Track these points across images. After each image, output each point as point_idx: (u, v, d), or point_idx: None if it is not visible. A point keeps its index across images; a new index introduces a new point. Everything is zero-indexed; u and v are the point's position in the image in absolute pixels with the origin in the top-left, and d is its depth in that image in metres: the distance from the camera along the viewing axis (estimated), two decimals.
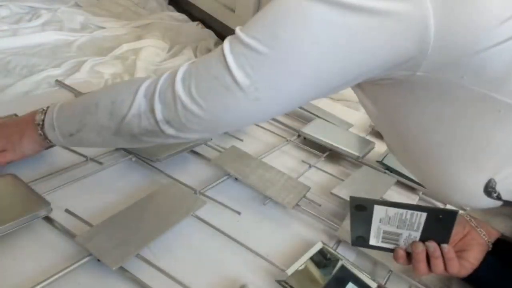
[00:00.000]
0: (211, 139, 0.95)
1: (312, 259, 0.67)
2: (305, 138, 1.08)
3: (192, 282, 0.60)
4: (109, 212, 0.67)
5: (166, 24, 1.76)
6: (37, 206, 0.64)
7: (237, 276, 0.65)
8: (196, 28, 1.77)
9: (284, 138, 1.09)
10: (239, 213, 0.77)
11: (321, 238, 0.76)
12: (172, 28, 1.72)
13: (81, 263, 0.59)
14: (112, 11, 1.81)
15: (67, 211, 0.68)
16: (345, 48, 0.46)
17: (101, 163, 0.81)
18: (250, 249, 0.69)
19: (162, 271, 0.61)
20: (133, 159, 0.85)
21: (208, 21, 1.83)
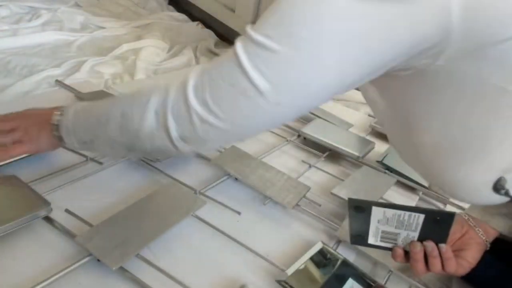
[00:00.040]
0: None
1: (312, 259, 0.67)
2: (305, 138, 1.08)
3: (192, 282, 0.60)
4: (109, 212, 0.67)
5: (166, 24, 1.76)
6: (37, 206, 0.64)
7: (237, 276, 0.65)
8: (196, 28, 1.77)
9: (284, 138, 1.09)
10: (239, 213, 0.77)
11: (321, 238, 0.76)
12: (172, 28, 1.72)
13: (81, 263, 0.59)
14: (112, 11, 1.81)
15: (67, 211, 0.68)
16: (368, 39, 0.43)
17: (101, 163, 0.81)
18: (250, 249, 0.69)
19: (162, 271, 0.61)
20: (133, 159, 0.85)
21: (208, 21, 1.83)
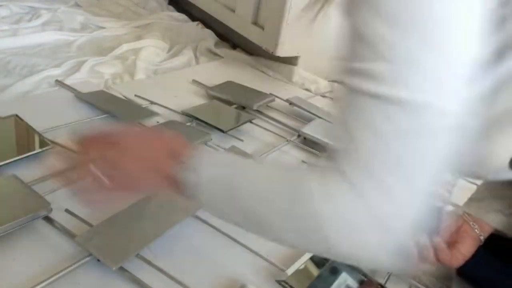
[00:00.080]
0: (211, 139, 0.95)
1: (312, 259, 0.67)
2: (305, 138, 1.08)
3: (192, 282, 0.60)
4: (109, 212, 0.67)
5: (166, 24, 1.76)
6: (37, 206, 0.64)
7: (237, 276, 0.65)
8: (196, 28, 1.77)
9: (284, 138, 1.09)
10: None
11: None
12: (172, 28, 1.72)
13: (81, 263, 0.59)
14: (112, 11, 1.81)
15: (67, 211, 0.68)
16: None
17: None
18: (250, 249, 0.69)
19: (162, 271, 0.61)
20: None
21: (208, 21, 1.83)
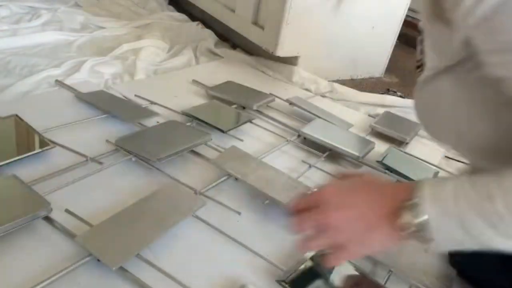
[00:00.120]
0: (211, 139, 0.95)
1: (312, 259, 0.67)
2: (305, 138, 1.08)
3: (192, 282, 0.61)
4: (109, 212, 0.67)
5: (166, 24, 1.76)
6: (37, 206, 0.64)
7: (237, 276, 0.65)
8: (196, 28, 1.77)
9: (284, 138, 1.09)
10: (239, 213, 0.77)
11: None
12: (172, 28, 1.72)
13: (81, 263, 0.59)
14: (112, 11, 1.81)
15: (67, 211, 0.68)
16: None
17: (101, 163, 0.81)
18: (250, 249, 0.69)
19: (162, 271, 0.61)
20: (133, 159, 0.85)
21: (208, 21, 1.83)
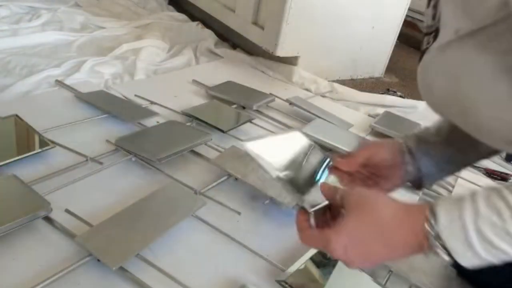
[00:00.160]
0: (210, 139, 0.95)
1: (312, 259, 0.67)
2: None
3: (192, 282, 0.60)
4: (109, 212, 0.67)
5: (166, 24, 1.76)
6: (37, 206, 0.64)
7: (237, 276, 0.65)
8: (196, 28, 1.77)
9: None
10: (239, 213, 0.77)
11: None
12: (172, 28, 1.72)
13: (81, 263, 0.59)
14: (112, 11, 1.81)
15: (67, 211, 0.68)
16: None
17: (101, 163, 0.81)
18: (250, 249, 0.69)
19: (162, 271, 0.61)
20: (133, 159, 0.85)
21: (208, 21, 1.83)
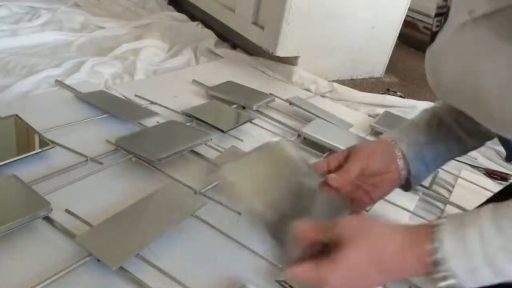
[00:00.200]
0: (210, 139, 0.95)
1: None
2: (305, 138, 1.08)
3: (192, 282, 0.60)
4: (109, 212, 0.67)
5: (166, 24, 1.76)
6: (37, 206, 0.64)
7: (237, 276, 0.65)
8: (196, 28, 1.77)
9: (284, 138, 1.09)
10: (239, 213, 0.77)
11: None
12: (171, 28, 1.72)
13: (81, 263, 0.59)
14: (112, 11, 1.81)
15: (67, 211, 0.68)
16: None
17: (101, 163, 0.81)
18: (250, 249, 0.69)
19: (162, 271, 0.61)
20: (133, 159, 0.84)
21: (208, 21, 1.83)
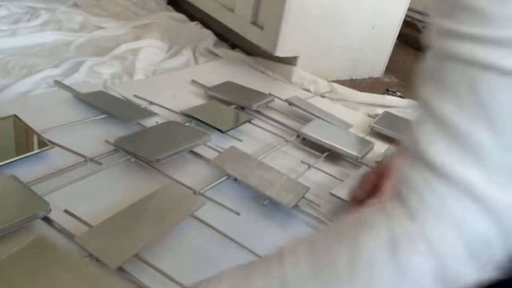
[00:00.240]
0: (210, 140, 0.95)
1: None
2: (304, 139, 1.08)
3: (191, 283, 0.60)
4: (108, 213, 0.67)
5: (165, 24, 1.76)
6: (36, 206, 0.64)
7: None
8: (195, 28, 1.77)
9: (283, 138, 1.09)
10: (238, 214, 0.77)
11: None
12: (171, 28, 1.72)
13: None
14: (111, 11, 1.80)
15: (66, 211, 0.68)
16: None
17: (100, 164, 0.81)
18: (250, 250, 0.69)
19: (161, 271, 0.61)
20: (133, 159, 0.84)
21: (207, 21, 1.83)
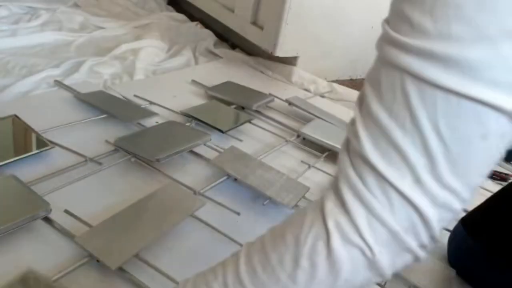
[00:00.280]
0: (210, 140, 0.95)
1: None
2: (304, 138, 1.08)
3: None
4: (108, 213, 0.67)
5: (165, 24, 1.76)
6: (37, 206, 0.64)
7: None
8: (195, 28, 1.77)
9: (283, 138, 1.09)
10: (238, 214, 0.77)
11: None
12: (171, 28, 1.72)
13: (80, 263, 0.59)
14: (111, 11, 1.80)
15: (66, 211, 0.68)
16: None
17: (100, 164, 0.81)
18: None
19: (161, 271, 0.61)
20: (133, 159, 0.85)
21: (207, 21, 1.83)
